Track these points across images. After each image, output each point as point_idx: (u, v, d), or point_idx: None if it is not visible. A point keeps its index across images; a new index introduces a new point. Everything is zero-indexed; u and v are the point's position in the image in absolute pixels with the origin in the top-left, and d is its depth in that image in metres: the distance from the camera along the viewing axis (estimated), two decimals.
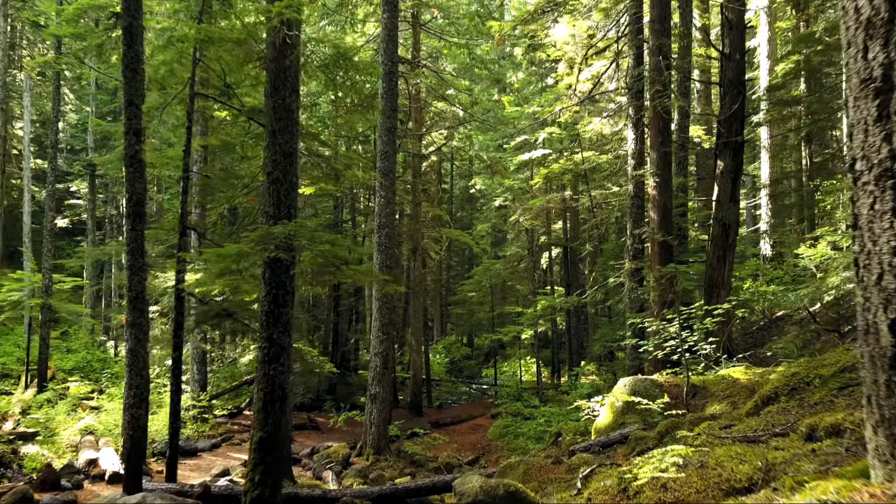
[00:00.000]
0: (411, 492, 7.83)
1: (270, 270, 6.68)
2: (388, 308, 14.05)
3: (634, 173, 12.99)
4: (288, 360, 6.77)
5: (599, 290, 14.06)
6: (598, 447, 7.57)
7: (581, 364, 25.05)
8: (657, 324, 8.45)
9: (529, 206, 23.57)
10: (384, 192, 14.09)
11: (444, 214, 25.90)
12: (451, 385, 28.85)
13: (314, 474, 12.59)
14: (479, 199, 40.08)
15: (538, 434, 16.07)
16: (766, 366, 10.31)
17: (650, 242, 12.40)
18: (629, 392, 8.29)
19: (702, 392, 8.06)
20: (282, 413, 6.62)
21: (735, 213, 12.06)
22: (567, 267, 25.38)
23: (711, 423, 5.18)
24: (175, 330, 8.87)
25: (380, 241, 14.09)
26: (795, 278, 21.10)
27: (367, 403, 14.08)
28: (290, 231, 6.23)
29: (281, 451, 6.60)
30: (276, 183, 6.82)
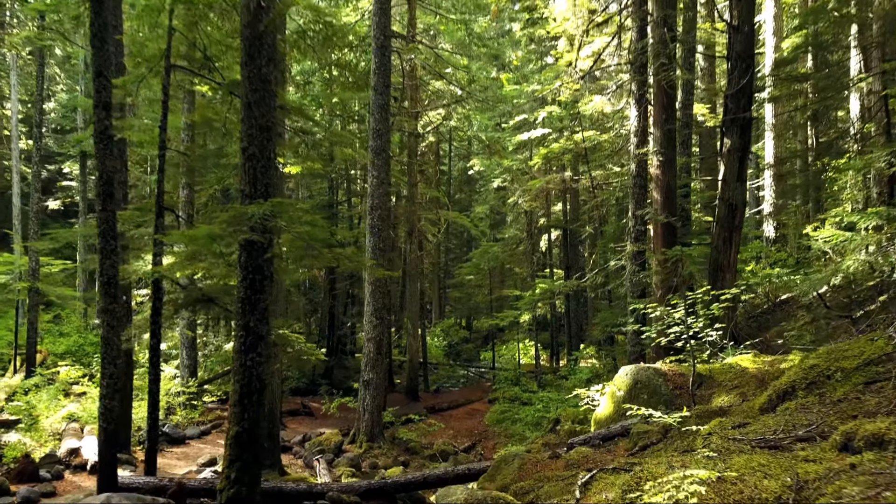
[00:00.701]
0: (400, 486, 7.43)
1: (247, 254, 6.20)
2: (381, 292, 13.60)
3: (637, 152, 12.47)
4: (266, 349, 6.32)
5: (600, 274, 13.60)
6: (597, 440, 7.15)
7: (580, 347, 24.68)
8: (661, 309, 7.99)
9: (528, 188, 23.03)
10: (377, 171, 13.58)
11: (442, 196, 25.39)
12: (449, 369, 28.51)
13: (305, 462, 12.23)
14: (477, 181, 39.49)
15: (536, 420, 15.71)
16: (775, 353, 9.88)
17: (653, 224, 11.91)
18: (631, 381, 7.86)
19: (708, 382, 7.62)
20: (259, 406, 6.19)
21: (742, 193, 11.56)
22: (567, 249, 24.90)
23: (723, 419, 4.74)
24: (152, 316, 8.42)
25: (372, 224, 13.62)
26: (800, 261, 20.67)
27: (361, 389, 13.69)
28: (265, 211, 5.75)
29: (259, 446, 6.18)
30: (251, 159, 6.32)
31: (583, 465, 6.35)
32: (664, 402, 7.49)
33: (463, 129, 33.01)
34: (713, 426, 4.64)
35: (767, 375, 7.07)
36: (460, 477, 7.41)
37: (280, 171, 10.41)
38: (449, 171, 39.74)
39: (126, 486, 7.64)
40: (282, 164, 10.10)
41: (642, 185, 12.61)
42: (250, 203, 6.06)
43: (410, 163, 20.70)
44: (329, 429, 15.72)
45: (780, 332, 12.15)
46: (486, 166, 27.63)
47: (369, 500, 7.48)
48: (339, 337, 25.79)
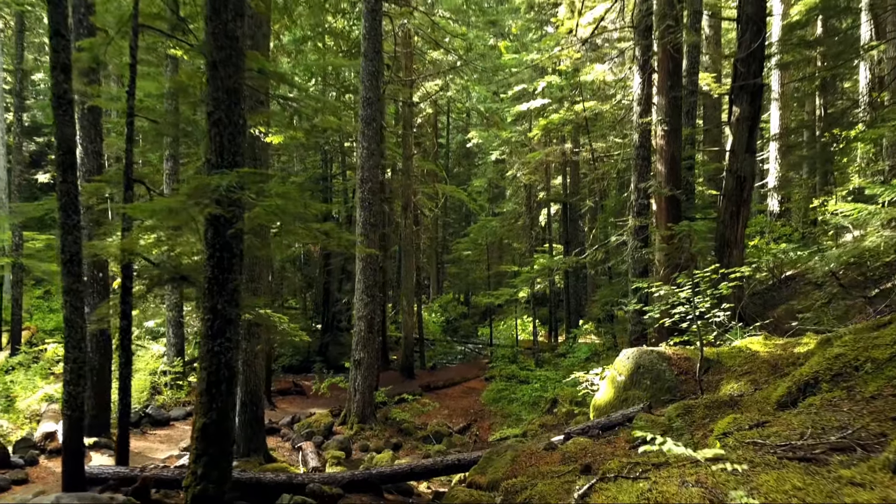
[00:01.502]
0: (386, 477, 6.97)
1: (213, 230, 5.63)
2: (372, 269, 13.06)
3: (640, 121, 11.82)
4: (236, 334, 5.79)
5: (600, 250, 13.04)
6: (597, 430, 6.66)
7: (579, 324, 24.23)
8: (665, 288, 7.45)
9: (527, 160, 22.37)
10: (367, 142, 12.94)
11: (439, 169, 24.71)
12: (446, 345, 28.11)
13: (293, 445, 11.81)
14: (476, 154, 38.72)
15: (533, 399, 15.29)
16: (785, 334, 9.37)
17: (656, 197, 11.33)
18: (633, 366, 7.36)
19: (715, 366, 7.11)
20: (229, 395, 5.67)
21: (751, 164, 10.95)
22: (566, 224, 24.31)
23: (737, 416, 4.22)
24: (122, 296, 7.87)
25: (363, 197, 13.02)
26: (805, 236, 20.10)
27: (352, 369, 13.23)
28: (230, 182, 5.16)
29: (229, 439, 5.68)
30: (218, 125, 5.71)
31: (580, 458, 5.86)
32: (668, 389, 6.99)
33: (461, 100, 32.16)
34: (727, 424, 4.12)
35: (781, 360, 6.56)
36: (450, 467, 6.95)
37: (263, 142, 9.78)
38: (447, 143, 38.98)
39: (94, 477, 7.18)
40: (262, 134, 9.48)
41: (645, 156, 11.99)
42: (217, 173, 5.48)
43: (405, 134, 20.01)
44: (320, 409, 15.31)
45: (788, 310, 11.64)
46: (484, 139, 26.90)
47: (353, 492, 7.02)
48: (334, 313, 25.33)
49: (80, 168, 11.06)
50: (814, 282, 14.04)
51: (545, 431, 12.78)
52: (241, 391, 10.08)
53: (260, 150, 10.23)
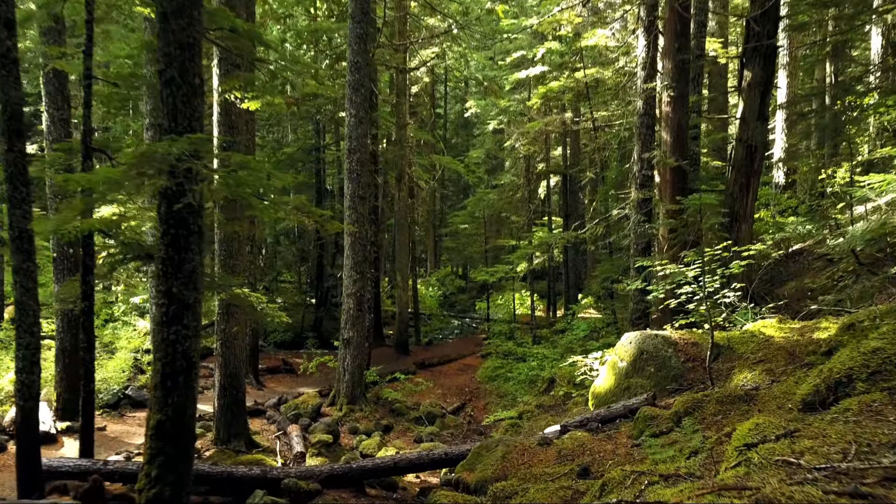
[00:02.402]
0: (368, 472, 6.45)
1: (167, 204, 4.99)
2: (361, 244, 12.43)
3: (645, 87, 11.09)
4: (195, 319, 5.18)
5: (600, 224, 12.41)
6: (596, 422, 6.11)
7: (578, 298, 23.69)
8: (671, 267, 6.85)
9: (526, 130, 21.57)
10: (355, 109, 12.21)
11: (434, 139, 23.94)
12: (443, 320, 27.64)
13: (279, 428, 11.31)
14: (475, 124, 37.80)
15: (530, 378, 14.79)
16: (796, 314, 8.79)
17: (661, 168, 10.66)
18: (636, 351, 6.78)
19: (726, 353, 6.54)
20: (188, 388, 5.10)
21: (763, 133, 10.29)
22: (566, 196, 23.62)
23: (759, 422, 3.63)
24: (83, 276, 7.29)
25: (351, 168, 12.34)
26: (812, 208, 19.43)
27: (341, 348, 12.69)
28: (180, 150, 4.51)
29: (188, 437, 5.11)
30: (170, 85, 5.04)
31: (578, 456, 5.32)
32: (674, 378, 6.43)
33: (459, 68, 31.21)
34: (748, 432, 3.54)
35: (799, 347, 5.98)
36: (436, 462, 6.43)
37: (241, 108, 9.08)
38: (444, 113, 38.04)
39: (53, 471, 6.67)
40: (238, 100, 8.77)
41: (649, 124, 11.28)
42: (167, 140, 4.82)
43: (399, 102, 19.22)
44: (310, 388, 14.82)
45: (799, 288, 11.05)
46: (482, 108, 26.04)
47: (332, 487, 6.50)
48: (328, 288, 24.77)
49: (47, 137, 10.41)
50: (824, 256, 13.43)
51: (542, 413, 12.29)
52: (220, 374, 9.55)
53: (237, 117, 9.54)
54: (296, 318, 24.27)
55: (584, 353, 14.31)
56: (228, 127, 9.28)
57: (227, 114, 9.26)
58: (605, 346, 13.69)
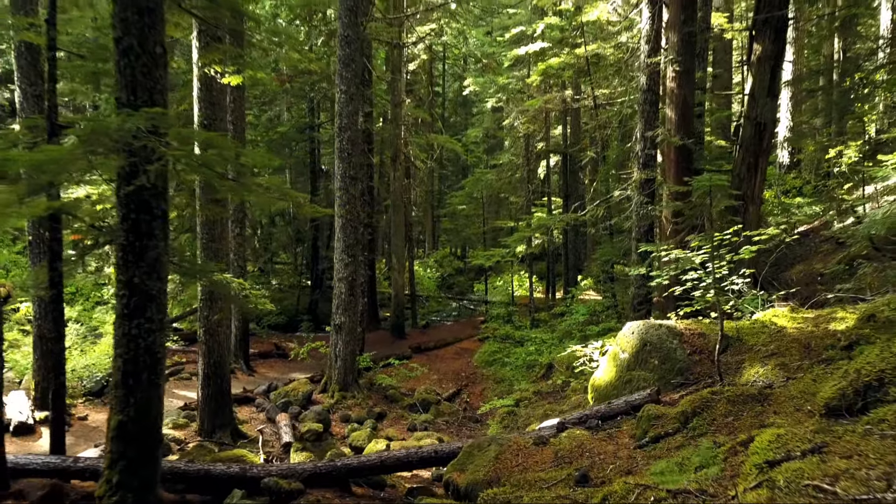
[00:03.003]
0: (353, 470, 6.08)
1: (126, 185, 4.55)
2: (352, 227, 11.98)
3: (649, 61, 10.56)
4: (160, 312, 4.76)
5: (601, 206, 11.95)
6: (596, 419, 5.71)
7: (578, 279, 23.28)
8: (677, 252, 6.40)
9: (525, 108, 21.01)
10: (346, 85, 11.70)
11: (430, 117, 23.36)
12: (440, 303, 27.27)
13: (268, 416, 10.96)
14: (473, 103, 37.12)
15: (528, 363, 14.43)
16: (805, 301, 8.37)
17: (665, 147, 10.18)
18: (638, 342, 6.37)
19: (735, 345, 6.12)
20: (153, 386, 4.69)
21: (772, 110, 9.79)
22: (566, 176, 23.10)
23: (780, 432, 3.22)
24: (50, 261, 6.84)
25: (341, 147, 11.85)
26: (818, 188, 18.94)
27: (332, 334, 12.30)
28: (136, 125, 4.05)
29: (153, 438, 4.72)
30: (128, 54, 4.56)
31: (576, 458, 4.93)
32: (679, 371, 6.02)
33: (457, 45, 30.50)
34: (769, 444, 3.13)
35: (814, 340, 5.56)
36: (425, 460, 6.05)
37: (221, 84, 8.58)
38: (443, 91, 37.36)
39: (21, 468, 6.26)
40: (219, 74, 8.28)
41: (653, 101, 10.77)
42: (125, 114, 4.35)
43: (394, 79, 18.63)
44: (302, 373, 14.46)
45: (808, 272, 10.63)
46: (480, 85, 25.40)
47: (316, 486, 6.13)
48: (323, 270, 24.34)
49: (20, 114, 9.91)
50: (833, 239, 12.98)
51: (539, 400, 11.94)
52: (204, 362, 9.16)
53: (219, 93, 9.03)
54: (290, 300, 23.90)
55: (584, 338, 13.94)
56: (209, 103, 8.78)
57: (208, 89, 8.76)
58: (606, 331, 13.31)
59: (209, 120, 8.80)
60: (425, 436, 10.47)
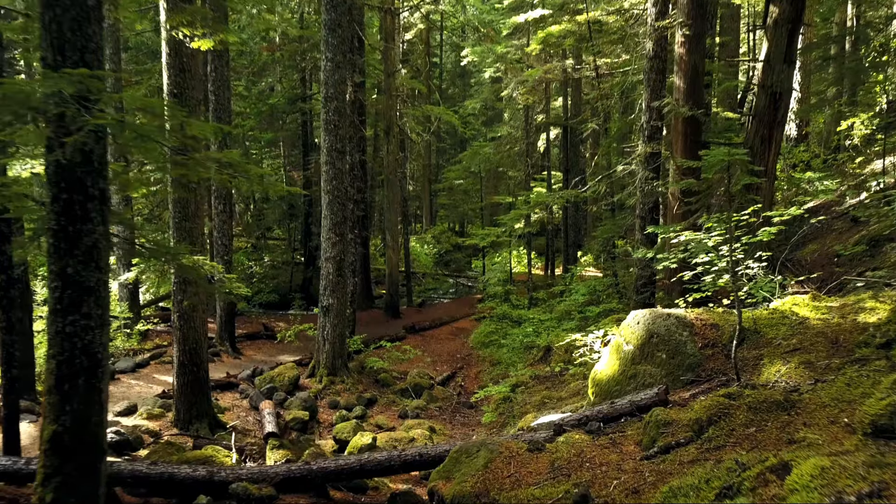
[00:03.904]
0: (330, 474, 5.55)
1: (56, 162, 3.91)
2: (340, 203, 11.34)
3: (656, 24, 9.81)
4: (99, 306, 4.16)
5: (603, 181, 11.28)
6: (597, 421, 5.14)
7: (578, 255, 22.70)
8: (688, 234, 5.79)
9: (525, 79, 20.19)
10: (332, 52, 10.96)
11: (426, 88, 22.55)
12: (437, 280, 26.71)
13: (251, 404, 10.44)
14: (472, 74, 36.13)
15: (525, 344, 13.90)
16: (822, 285, 7.78)
17: (673, 118, 9.50)
18: (644, 333, 5.78)
19: (752, 337, 5.53)
20: (92, 391, 4.11)
21: (789, 78, 9.08)
22: (566, 150, 22.36)
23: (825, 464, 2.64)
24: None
25: (328, 119, 11.16)
26: (827, 162, 18.23)
27: (320, 316, 11.74)
28: (57, 90, 3.40)
29: (95, 450, 4.15)
30: (53, 7, 3.89)
31: (575, 470, 4.36)
32: (690, 367, 5.44)
33: (455, 14, 29.50)
34: (810, 479, 2.55)
35: (842, 333, 4.97)
36: (409, 464, 5.51)
37: (191, 49, 7.86)
38: (440, 62, 36.36)
39: None
40: (188, 38, 7.57)
41: (660, 68, 10.05)
42: (46, 77, 3.69)
43: (387, 48, 17.80)
44: (291, 355, 13.95)
45: (822, 253, 10.01)
46: (478, 55, 24.51)
47: (289, 491, 5.59)
48: (316, 247, 23.70)
49: None
50: (845, 215, 12.34)
51: (536, 385, 11.42)
52: (178, 350, 8.60)
53: (189, 59, 8.32)
54: (283, 277, 23.31)
55: (583, 319, 13.39)
56: (179, 70, 8.09)
57: (177, 55, 8.06)
58: (607, 312, 12.75)
59: (179, 89, 8.12)
60: (416, 424, 9.97)
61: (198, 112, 8.31)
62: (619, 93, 18.64)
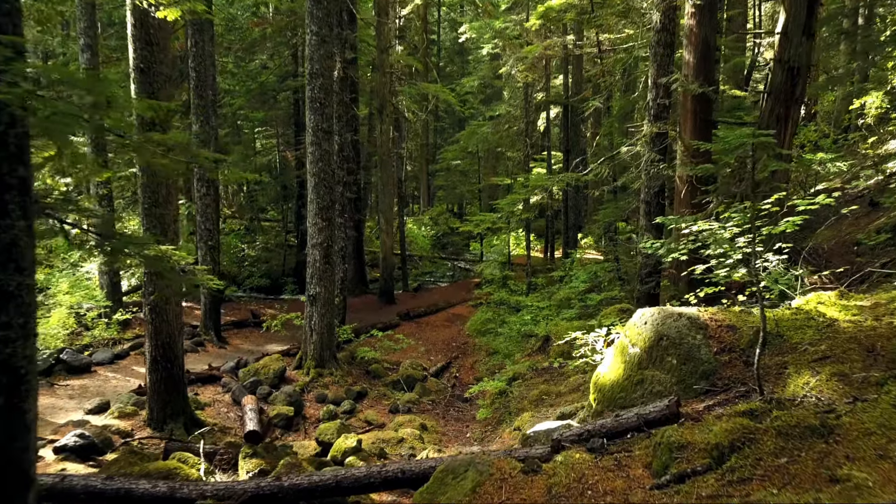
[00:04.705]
0: (304, 492, 5.01)
1: None
2: (326, 186, 10.71)
3: None
4: (22, 315, 3.57)
5: (605, 163, 10.64)
6: (599, 435, 4.58)
7: (578, 237, 22.11)
8: (702, 224, 5.20)
9: (524, 55, 19.40)
10: (317, 26, 10.26)
11: (422, 65, 21.77)
12: (434, 264, 26.13)
13: (233, 398, 9.91)
14: (471, 51, 35.21)
15: (523, 333, 13.35)
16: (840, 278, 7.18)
17: (682, 96, 8.84)
18: (653, 335, 5.20)
19: (774, 342, 4.95)
20: (12, 413, 3.53)
21: (808, 52, 8.41)
22: (567, 129, 21.62)
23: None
24: None
25: (313, 97, 10.48)
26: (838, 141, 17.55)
27: (307, 306, 11.17)
28: None
29: (18, 482, 3.59)
30: None
31: (574, 498, 3.81)
32: (704, 375, 4.87)
33: None
34: None
35: (879, 339, 4.39)
36: (390, 481, 4.96)
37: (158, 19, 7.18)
38: (438, 39, 35.44)
39: None
40: (153, 7, 6.89)
41: (668, 42, 9.36)
42: None
43: (381, 22, 17.04)
44: (280, 345, 13.42)
45: (839, 240, 9.41)
46: (476, 31, 23.68)
47: None
48: None
49: None
50: (860, 198, 11.73)
51: (534, 377, 10.89)
52: (150, 344, 8.03)
53: (157, 30, 7.64)
54: (276, 261, 22.71)
55: (584, 308, 12.83)
56: (145, 43, 7.42)
57: (143, 26, 7.38)
58: (609, 301, 12.17)
59: (146, 63, 7.46)
60: (407, 421, 9.45)
61: (167, 89, 7.65)
62: (622, 70, 17.90)
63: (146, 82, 7.41)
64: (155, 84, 7.46)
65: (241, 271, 21.18)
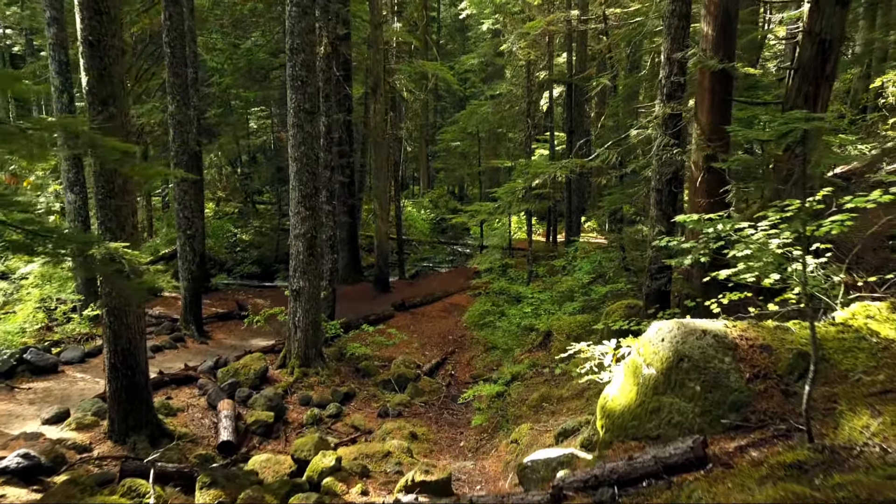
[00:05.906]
0: None
1: None
2: (310, 172, 9.88)
3: None
4: None
5: (613, 149, 9.74)
6: (609, 484, 3.80)
7: (581, 220, 21.27)
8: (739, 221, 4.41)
9: (526, 31, 18.42)
10: None
11: (421, 43, 20.78)
12: (433, 249, 25.32)
13: (209, 402, 9.18)
14: (471, 28, 34.05)
15: (523, 326, 12.56)
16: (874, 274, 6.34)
17: (700, 73, 7.96)
18: (672, 356, 4.40)
19: (819, 368, 4.14)
20: None
21: (841, 23, 7.52)
22: (570, 109, 20.64)
23: None
24: None
25: (294, 74, 9.61)
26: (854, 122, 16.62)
27: (291, 301, 10.41)
28: None
29: None
30: None
31: None
32: (734, 406, 4.07)
33: None
34: None
35: None
36: None
37: None
38: (438, 16, 34.32)
39: None
40: None
41: (683, 12, 8.42)
42: None
43: None
44: (265, 339, 12.68)
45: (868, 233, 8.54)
46: (476, 6, 22.62)
47: None
48: None
49: None
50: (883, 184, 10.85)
51: (534, 377, 10.16)
52: (108, 350, 7.27)
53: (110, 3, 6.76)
54: (268, 246, 21.89)
55: (588, 301, 12.03)
56: (95, 12, 6.55)
57: None
58: (615, 295, 11.36)
59: (96, 35, 6.60)
60: (396, 428, 8.74)
61: (121, 64, 6.79)
62: (627, 44, 16.90)
63: (96, 56, 6.57)
64: (106, 59, 6.62)
65: (233, 257, 20.41)
